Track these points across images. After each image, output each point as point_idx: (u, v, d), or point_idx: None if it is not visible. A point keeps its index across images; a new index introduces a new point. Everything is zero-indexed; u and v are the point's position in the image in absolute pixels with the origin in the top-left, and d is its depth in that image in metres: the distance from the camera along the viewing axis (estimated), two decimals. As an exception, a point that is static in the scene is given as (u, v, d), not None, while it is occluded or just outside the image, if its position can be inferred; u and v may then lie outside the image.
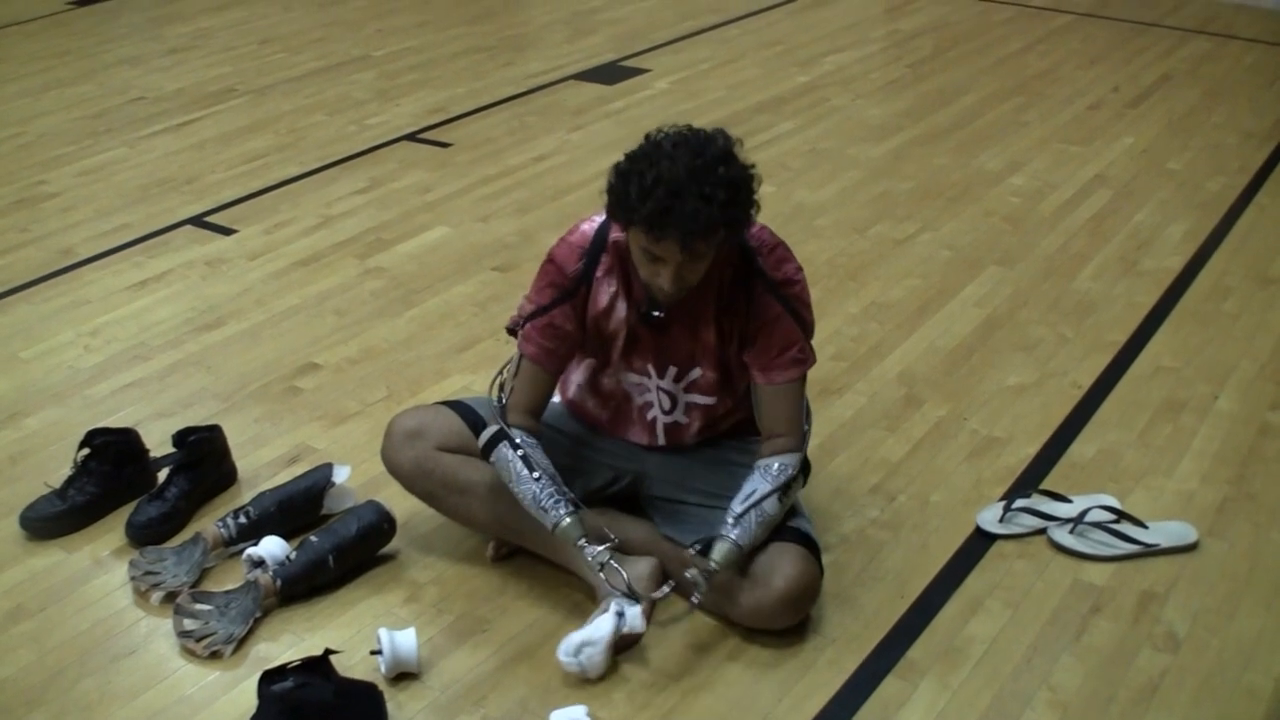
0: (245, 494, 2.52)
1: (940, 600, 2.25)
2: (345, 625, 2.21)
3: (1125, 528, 2.38)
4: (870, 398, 2.87)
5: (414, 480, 2.31)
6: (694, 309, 2.14)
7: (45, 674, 2.11)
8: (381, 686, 2.00)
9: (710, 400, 2.24)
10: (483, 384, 2.29)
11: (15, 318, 3.28)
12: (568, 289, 2.16)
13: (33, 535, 2.42)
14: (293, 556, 2.26)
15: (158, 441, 2.61)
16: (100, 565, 2.36)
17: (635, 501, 2.35)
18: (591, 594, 2.22)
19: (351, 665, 2.08)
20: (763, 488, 2.12)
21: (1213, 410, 2.80)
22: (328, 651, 1.94)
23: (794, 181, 4.05)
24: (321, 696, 1.87)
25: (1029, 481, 2.57)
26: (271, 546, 2.28)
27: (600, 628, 2.06)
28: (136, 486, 2.51)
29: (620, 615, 2.07)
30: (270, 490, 2.44)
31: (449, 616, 2.23)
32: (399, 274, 3.47)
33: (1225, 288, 3.35)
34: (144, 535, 2.39)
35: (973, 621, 2.20)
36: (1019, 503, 2.44)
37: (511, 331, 2.27)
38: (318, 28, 5.82)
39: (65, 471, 2.51)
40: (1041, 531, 2.41)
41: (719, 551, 2.07)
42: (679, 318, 2.15)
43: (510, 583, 2.30)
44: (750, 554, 2.13)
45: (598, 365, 2.26)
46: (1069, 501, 2.46)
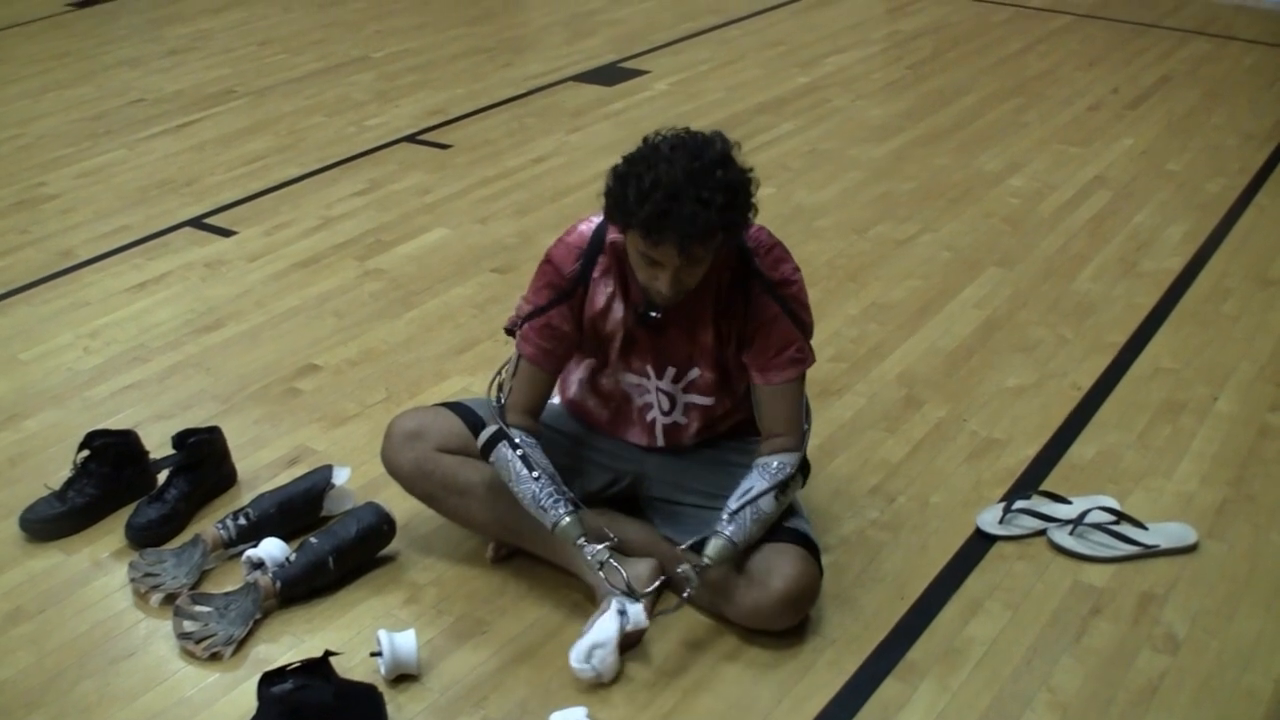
0: (245, 496, 2.52)
1: (940, 601, 2.25)
2: (345, 627, 2.21)
3: (1125, 529, 2.38)
4: (870, 399, 2.87)
5: (414, 481, 2.31)
6: (692, 310, 2.14)
7: (44, 676, 2.11)
8: (381, 688, 2.00)
9: (709, 401, 2.24)
10: (482, 385, 2.29)
11: (15, 319, 3.28)
12: (565, 289, 2.16)
13: (32, 537, 2.42)
14: (292, 558, 2.26)
15: (157, 443, 2.61)
16: (100, 567, 2.36)
17: (634, 503, 2.35)
18: (591, 594, 2.22)
19: (351, 667, 2.08)
20: (759, 485, 2.12)
21: (1212, 411, 2.80)
22: (327, 653, 1.93)
23: (794, 182, 4.05)
24: (321, 698, 1.87)
25: (1029, 483, 2.57)
26: (271, 548, 2.28)
27: (606, 629, 2.06)
28: (136, 488, 2.51)
29: (623, 614, 2.08)
30: (270, 492, 2.44)
31: (449, 618, 2.23)
32: (398, 275, 3.47)
33: (1225, 289, 3.35)
34: (143, 537, 2.39)
35: (972, 623, 2.20)
36: (1019, 504, 2.44)
37: (510, 332, 2.27)
38: (317, 29, 5.82)
39: (65, 473, 2.51)
40: (1041, 533, 2.41)
41: (713, 547, 2.08)
42: (677, 319, 2.15)
43: (510, 584, 2.30)
44: (749, 554, 2.13)
45: (596, 365, 2.26)
46: (1069, 503, 2.45)
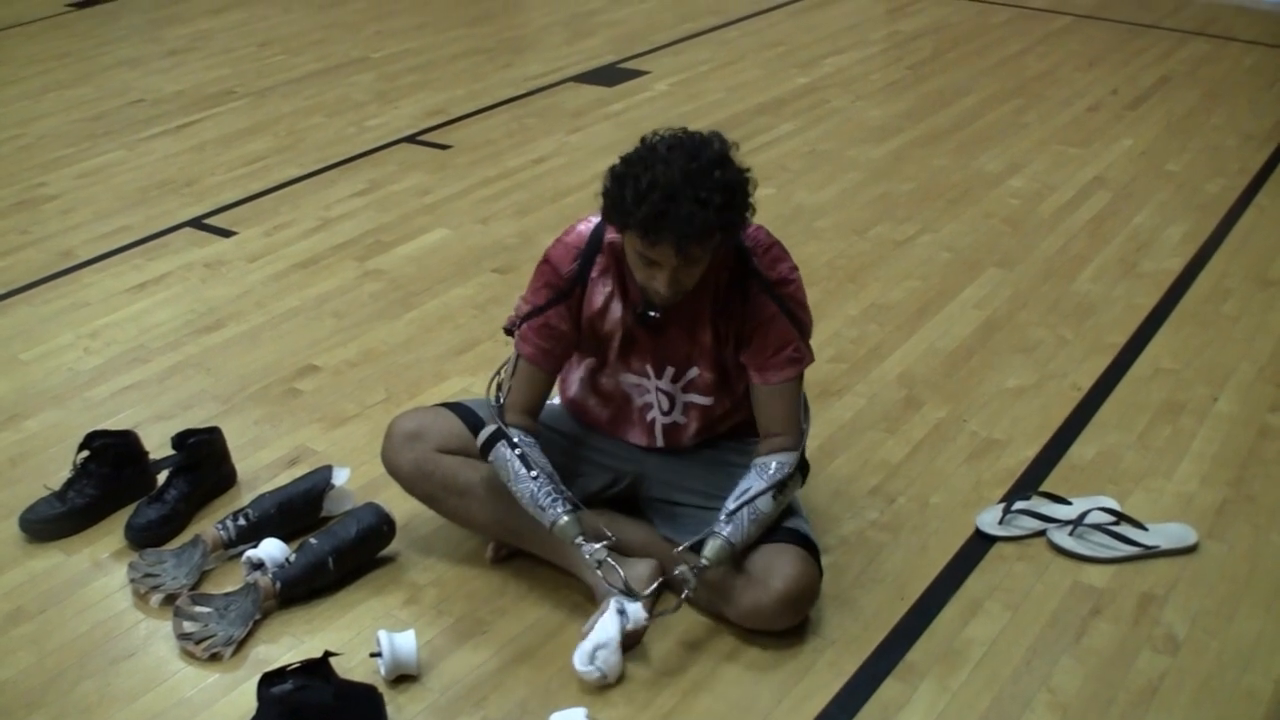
0: (245, 496, 2.52)
1: (940, 602, 2.25)
2: (345, 627, 2.21)
3: (1125, 530, 2.38)
4: (870, 399, 2.87)
5: (414, 482, 2.31)
6: (690, 310, 2.14)
7: (45, 676, 2.11)
8: (381, 689, 2.00)
9: (708, 401, 2.24)
10: (482, 386, 2.29)
11: (15, 320, 3.28)
12: (563, 289, 2.16)
13: (32, 537, 2.42)
14: (292, 559, 2.26)
15: (157, 444, 2.61)
16: (100, 567, 2.36)
17: (634, 503, 2.35)
18: (591, 595, 2.22)
19: (351, 667, 2.08)
20: (757, 485, 2.12)
21: (1212, 412, 2.80)
22: (327, 654, 1.93)
23: (794, 183, 4.05)
24: (321, 699, 1.87)
25: (1028, 483, 2.57)
26: (271, 549, 2.28)
27: (607, 629, 2.06)
28: (136, 489, 2.51)
29: (622, 613, 2.08)
30: (270, 492, 2.44)
31: (448, 618, 2.23)
32: (398, 276, 3.47)
33: (1225, 289, 3.34)
34: (143, 537, 2.39)
35: (972, 623, 2.20)
36: (1018, 505, 2.44)
37: (509, 331, 2.27)
38: (317, 30, 5.83)
39: (65, 474, 2.51)
40: (1041, 533, 2.41)
41: (710, 548, 2.08)
42: (675, 318, 2.15)
43: (510, 584, 2.30)
44: (749, 554, 2.13)
45: (596, 365, 2.26)
46: (1068, 503, 2.45)
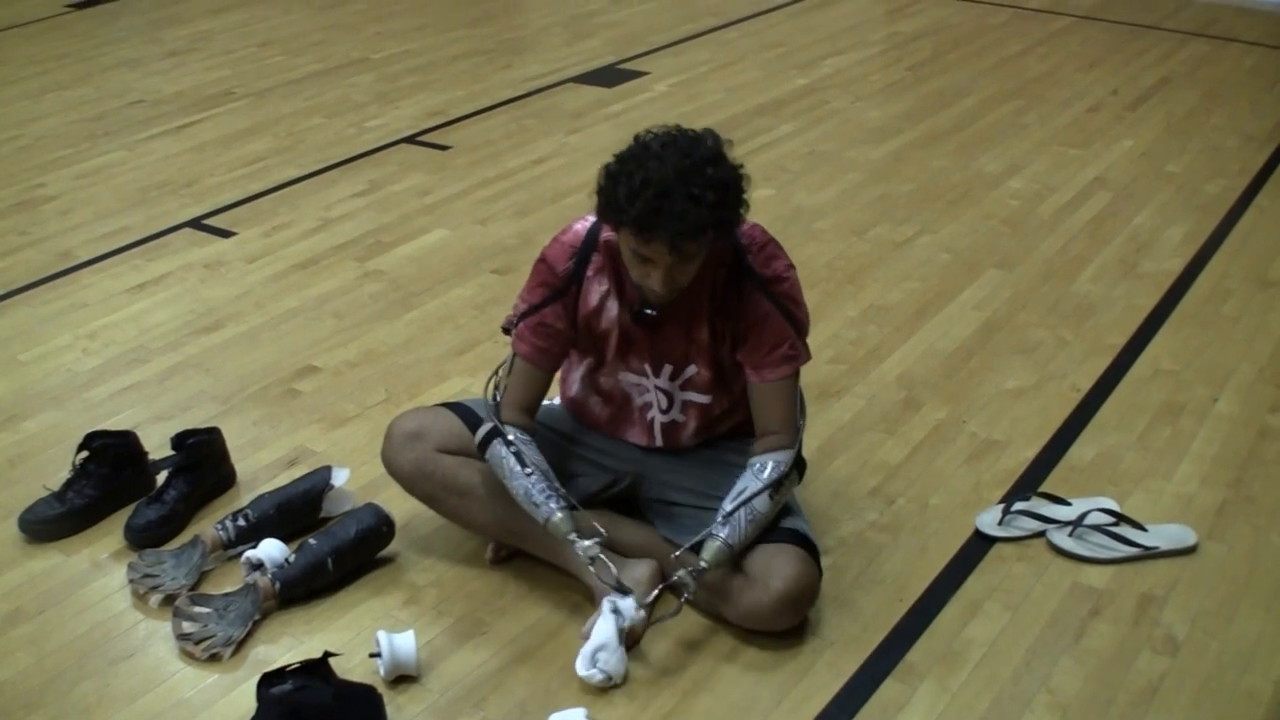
0: (244, 497, 2.52)
1: (939, 603, 2.25)
2: (344, 628, 2.21)
3: (1124, 530, 2.38)
4: (869, 400, 2.87)
5: (414, 482, 2.31)
6: (687, 307, 2.14)
7: (44, 677, 2.11)
8: (381, 689, 2.00)
9: (706, 399, 2.24)
10: (481, 386, 2.29)
11: (14, 320, 3.28)
12: (558, 288, 2.17)
13: (31, 538, 2.42)
14: (291, 559, 2.26)
15: (156, 444, 2.61)
16: (99, 568, 2.36)
17: (634, 504, 2.35)
18: (591, 595, 2.21)
19: (350, 668, 2.08)
20: (753, 486, 2.12)
21: (1212, 413, 2.80)
22: (327, 654, 1.93)
23: (793, 184, 4.05)
24: (320, 699, 1.87)
25: (1028, 484, 2.57)
26: (270, 549, 2.28)
27: (604, 630, 2.06)
28: (135, 489, 2.50)
29: (616, 612, 2.07)
30: (269, 493, 2.43)
31: (448, 619, 2.23)
32: (398, 276, 3.47)
33: (1225, 290, 3.34)
34: (143, 538, 2.39)
35: (972, 624, 2.20)
36: (1018, 505, 2.44)
37: (506, 331, 2.28)
38: (317, 30, 5.83)
39: (64, 474, 2.51)
40: (1041, 534, 2.41)
41: (708, 550, 2.08)
42: (672, 316, 2.15)
43: (510, 585, 2.30)
44: (749, 555, 2.13)
45: (594, 364, 2.27)
46: (1068, 504, 2.45)
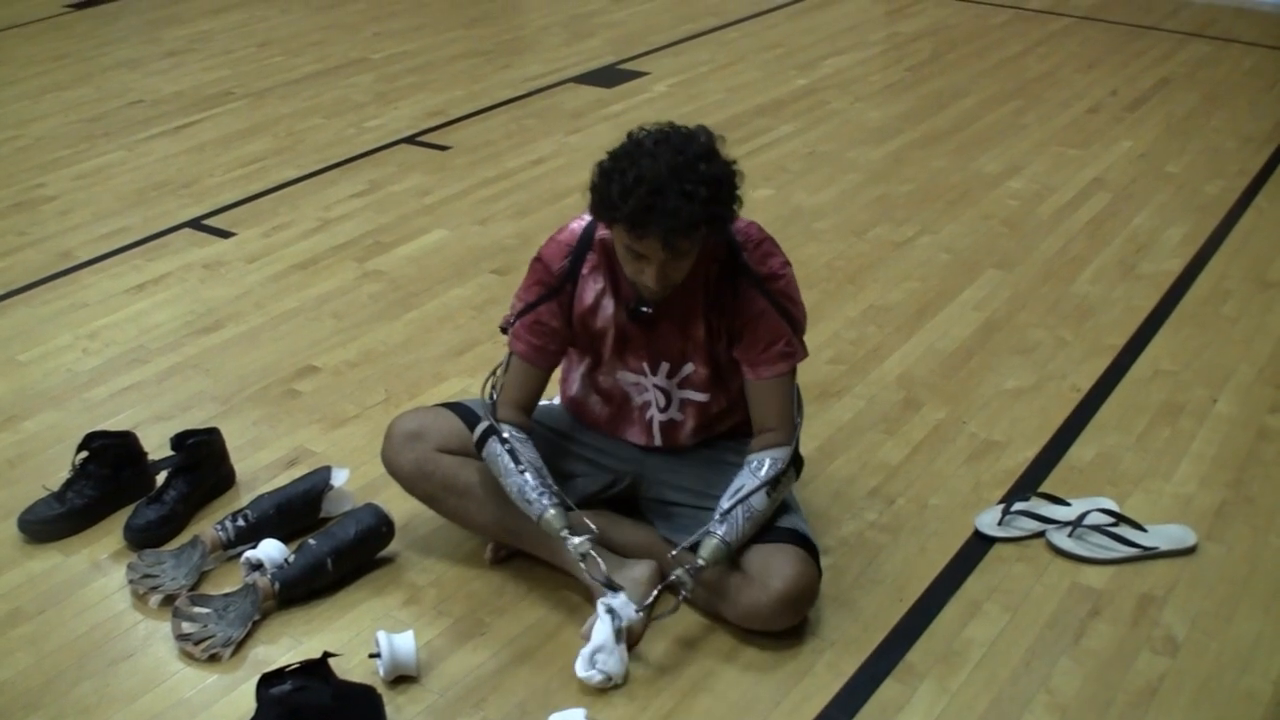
0: (244, 497, 2.52)
1: (939, 603, 2.25)
2: (344, 628, 2.21)
3: (1124, 531, 2.38)
4: (869, 401, 2.87)
5: (414, 482, 2.31)
6: (683, 305, 2.15)
7: (43, 677, 2.11)
8: (380, 689, 2.00)
9: (704, 397, 2.25)
10: (481, 386, 2.29)
11: (13, 320, 3.28)
12: (553, 286, 2.17)
13: (31, 538, 2.42)
14: (291, 559, 2.26)
15: (156, 444, 2.61)
16: (98, 568, 2.36)
17: (634, 504, 2.35)
18: (589, 595, 2.21)
19: (350, 668, 2.08)
20: (751, 483, 2.12)
21: (1211, 413, 2.80)
22: (326, 654, 1.93)
23: (793, 184, 4.05)
24: (320, 699, 1.87)
25: (1028, 485, 2.57)
26: (270, 549, 2.28)
27: (601, 631, 2.06)
28: (135, 489, 2.50)
29: (611, 613, 2.07)
30: (269, 493, 2.43)
31: (448, 619, 2.23)
32: (397, 277, 3.47)
33: (1224, 291, 3.35)
34: (142, 538, 2.39)
35: (971, 624, 2.20)
36: (1018, 506, 2.44)
37: (504, 330, 2.28)
38: (316, 31, 5.83)
39: (63, 474, 2.51)
40: (1040, 534, 2.41)
41: (706, 548, 2.08)
42: (668, 314, 2.16)
43: (509, 585, 2.30)
44: (748, 555, 2.13)
45: (592, 364, 2.27)
46: (1068, 504, 2.45)
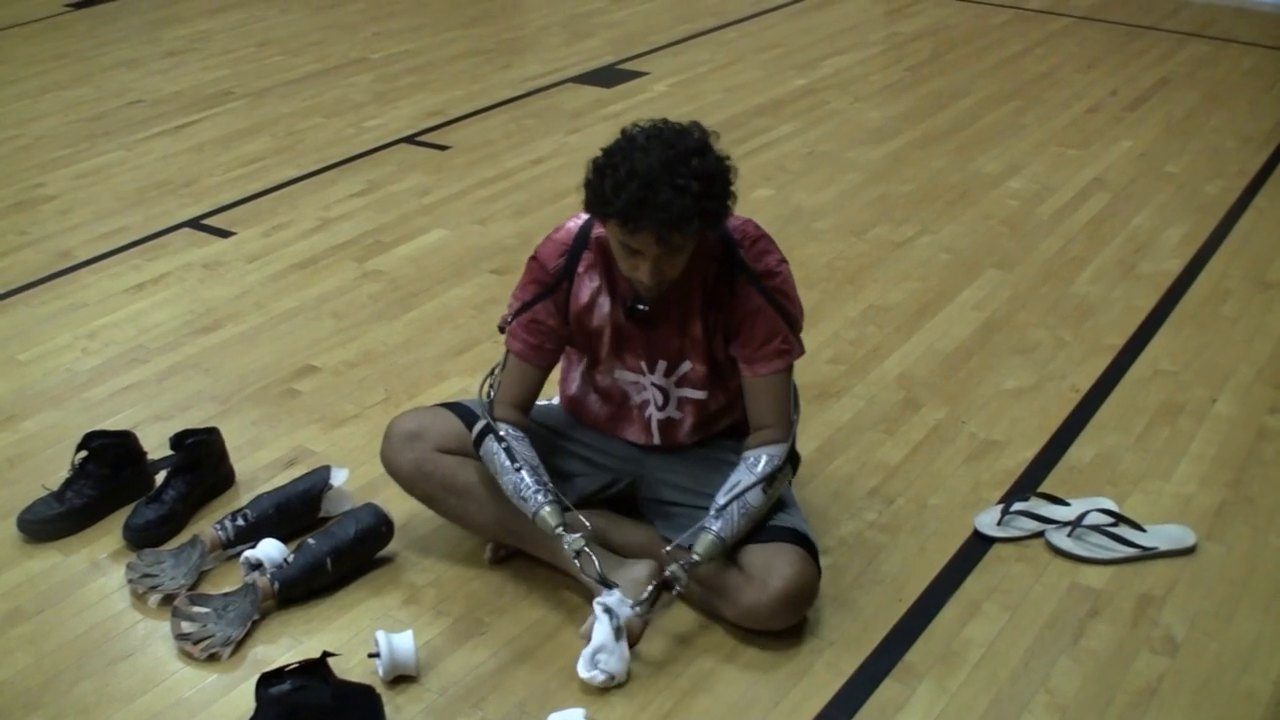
0: (243, 496, 2.52)
1: (938, 603, 2.25)
2: (343, 628, 2.21)
3: (1123, 531, 2.38)
4: (868, 401, 2.87)
5: (413, 482, 2.31)
6: (680, 303, 2.15)
7: (42, 677, 2.11)
8: (379, 689, 2.00)
9: (702, 395, 2.25)
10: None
11: (13, 320, 3.28)
12: (549, 285, 2.18)
13: (30, 538, 2.42)
14: (290, 559, 2.26)
15: (155, 444, 2.61)
16: (98, 568, 2.36)
17: (633, 504, 2.35)
18: (589, 596, 2.21)
19: (349, 668, 2.08)
20: (747, 479, 2.12)
21: (1211, 413, 2.80)
22: (325, 654, 1.93)
23: (793, 184, 4.05)
24: (319, 699, 1.87)
25: (1027, 485, 2.57)
26: (269, 549, 2.28)
27: (601, 631, 2.06)
28: (134, 489, 2.50)
29: (608, 611, 2.07)
30: (268, 493, 2.43)
31: (447, 619, 2.23)
32: (397, 277, 3.47)
33: (1224, 291, 3.35)
34: (142, 538, 2.39)
35: (971, 624, 2.20)
36: (1017, 506, 2.44)
37: (502, 329, 2.29)
38: (315, 30, 5.83)
39: (63, 474, 2.51)
40: (1039, 535, 2.41)
41: (700, 543, 2.09)
42: (666, 312, 2.16)
43: (509, 585, 2.30)
44: (747, 554, 2.13)
45: (590, 362, 2.27)
46: (1067, 505, 2.45)
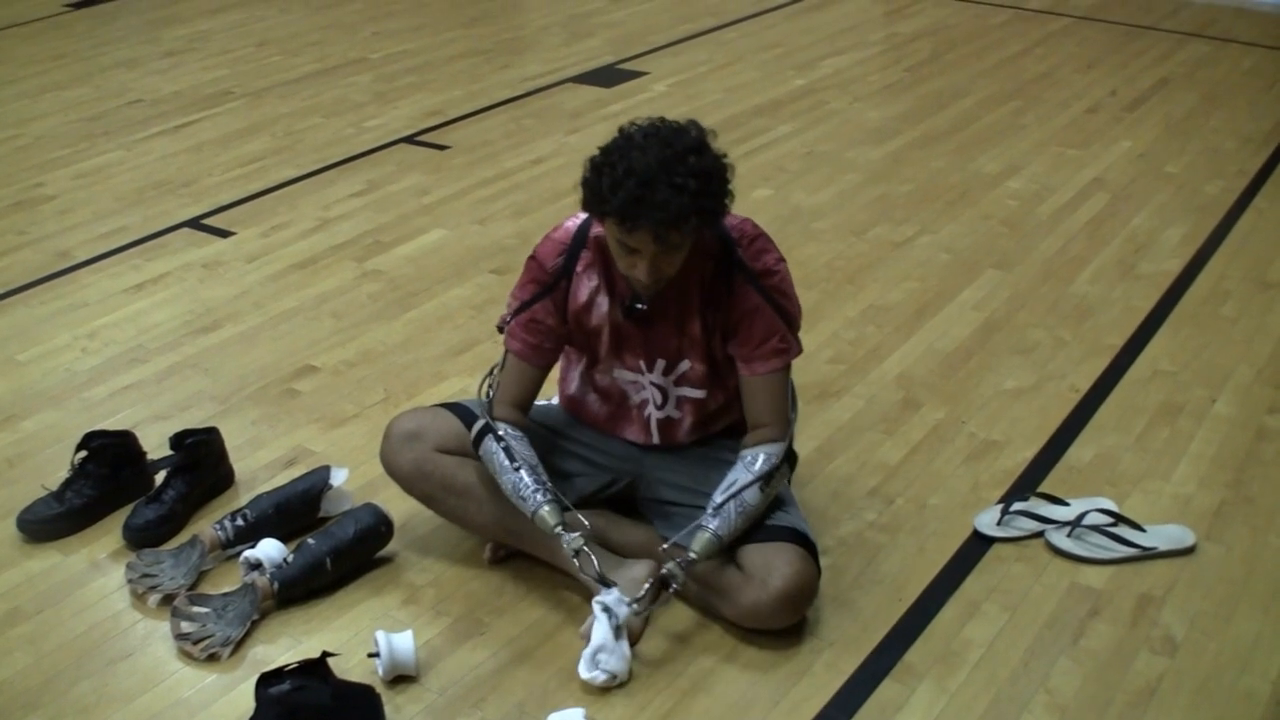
0: (243, 496, 2.52)
1: (938, 603, 2.25)
2: (343, 628, 2.21)
3: (1123, 531, 2.38)
4: (868, 401, 2.87)
5: (413, 482, 2.31)
6: (678, 302, 2.15)
7: (42, 677, 2.10)
8: (379, 689, 2.00)
9: (700, 394, 2.25)
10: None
11: (12, 320, 3.27)
12: (548, 284, 2.18)
13: (30, 538, 2.42)
14: (290, 559, 2.26)
15: (155, 444, 2.61)
16: (97, 568, 2.36)
17: (633, 504, 2.35)
18: (589, 596, 2.21)
19: (349, 668, 2.08)
20: (744, 478, 2.12)
21: (1210, 414, 2.80)
22: (325, 654, 1.93)
23: (792, 184, 4.05)
24: (319, 699, 1.87)
25: (1027, 485, 2.57)
26: (269, 549, 2.28)
27: (600, 631, 2.06)
28: (134, 489, 2.50)
29: (607, 610, 2.07)
30: (268, 493, 2.43)
31: (447, 619, 2.23)
32: (396, 276, 3.47)
33: (1223, 291, 3.35)
34: (141, 538, 2.39)
35: (970, 624, 2.20)
36: (1017, 506, 2.44)
37: (501, 329, 2.29)
38: (315, 30, 5.82)
39: (62, 474, 2.51)
40: (1039, 535, 2.41)
41: (698, 541, 2.09)
42: (664, 311, 2.16)
43: (508, 585, 2.30)
44: (747, 554, 2.13)
45: (589, 362, 2.27)
46: (1067, 505, 2.46)
